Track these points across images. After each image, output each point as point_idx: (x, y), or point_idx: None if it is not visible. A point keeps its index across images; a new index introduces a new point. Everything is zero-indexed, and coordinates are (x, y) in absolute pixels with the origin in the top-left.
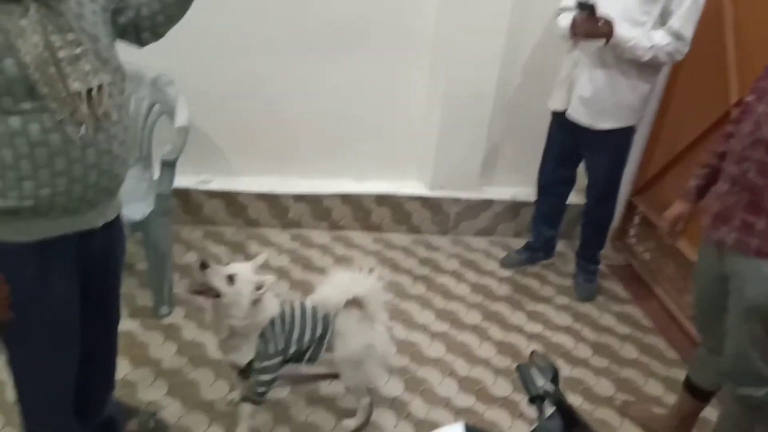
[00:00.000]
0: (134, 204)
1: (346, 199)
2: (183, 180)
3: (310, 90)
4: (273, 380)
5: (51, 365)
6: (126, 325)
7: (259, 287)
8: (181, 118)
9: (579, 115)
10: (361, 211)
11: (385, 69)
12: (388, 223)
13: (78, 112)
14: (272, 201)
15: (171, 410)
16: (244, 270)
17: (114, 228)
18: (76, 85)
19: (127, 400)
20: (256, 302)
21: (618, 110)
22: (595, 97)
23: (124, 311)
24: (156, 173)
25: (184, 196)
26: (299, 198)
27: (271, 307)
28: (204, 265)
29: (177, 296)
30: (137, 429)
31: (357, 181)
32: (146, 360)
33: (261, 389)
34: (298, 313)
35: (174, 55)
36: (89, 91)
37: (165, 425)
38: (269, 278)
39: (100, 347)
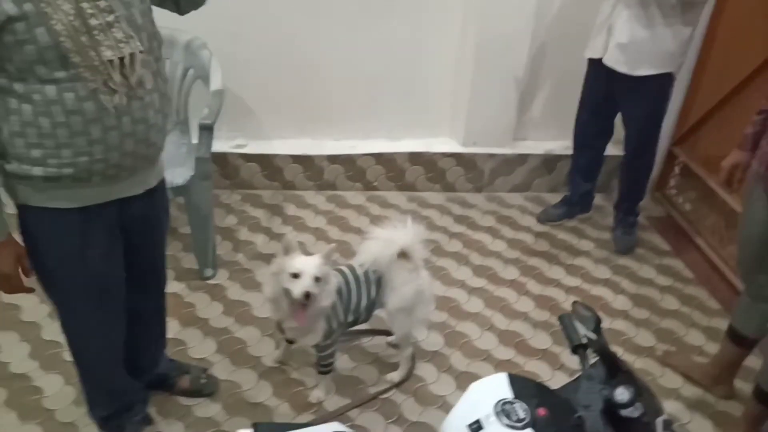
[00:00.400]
0: (175, 169)
1: (379, 158)
2: (219, 145)
3: (341, 49)
4: (335, 350)
5: (98, 325)
6: (173, 287)
7: (317, 279)
8: (216, 82)
9: (616, 61)
10: (395, 170)
11: (416, 24)
12: (422, 181)
13: (111, 81)
14: (307, 163)
15: (220, 367)
16: (308, 265)
17: (156, 194)
18: (108, 54)
19: (179, 358)
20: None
21: (656, 56)
22: (632, 42)
23: (170, 274)
24: (194, 138)
25: (221, 160)
26: (333, 159)
27: (333, 291)
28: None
29: (220, 258)
30: (189, 384)
31: (390, 140)
32: (194, 320)
33: (329, 361)
34: (353, 283)
35: (206, 17)
36: (122, 59)
37: (216, 381)
38: (329, 269)
39: (148, 307)
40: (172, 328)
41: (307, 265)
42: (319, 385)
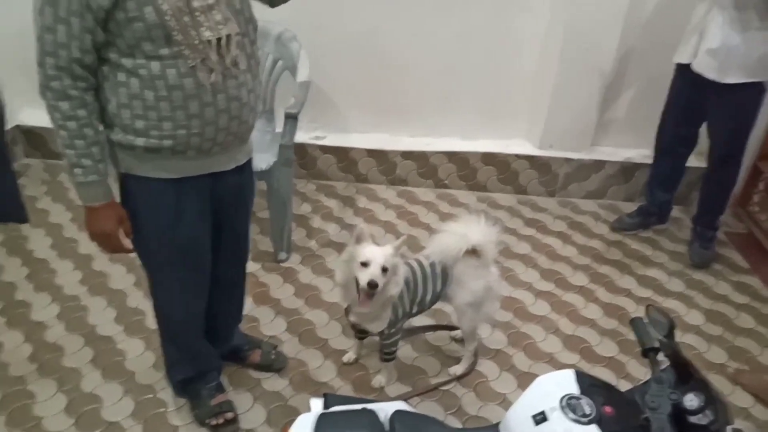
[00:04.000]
0: (259, 154)
1: (452, 156)
2: (299, 135)
3: (421, 44)
4: (399, 339)
5: (185, 289)
6: (249, 267)
7: (384, 269)
8: (303, 73)
9: (705, 67)
10: (467, 170)
11: (501, 20)
12: (493, 182)
13: (208, 59)
14: (381, 157)
15: (289, 345)
16: (377, 255)
17: (245, 171)
18: (207, 34)
19: (251, 334)
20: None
21: (748, 63)
22: (724, 47)
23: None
24: (278, 127)
25: (300, 150)
26: (407, 155)
27: (401, 282)
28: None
29: (294, 243)
30: (260, 359)
31: (464, 139)
32: (267, 299)
33: (392, 349)
34: (419, 274)
35: (293, 11)
36: (219, 39)
37: (285, 358)
38: (399, 260)
39: (231, 277)
40: (246, 305)
41: (377, 254)
42: (381, 371)
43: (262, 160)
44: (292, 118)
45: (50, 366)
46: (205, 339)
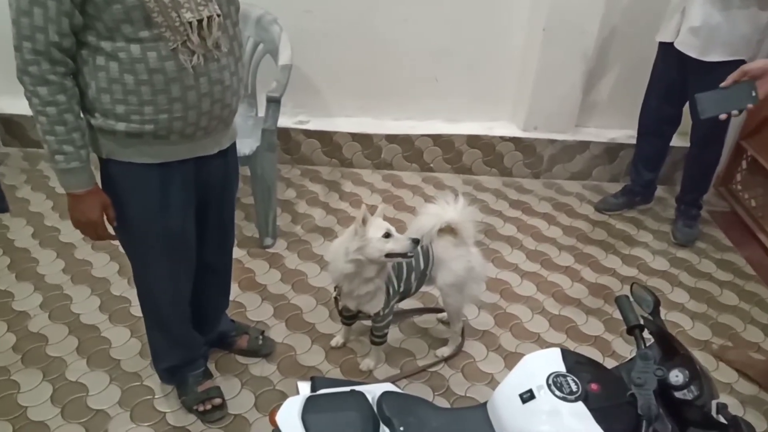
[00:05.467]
0: (242, 140)
1: (437, 139)
2: (282, 120)
3: (407, 26)
4: (391, 321)
5: (169, 276)
6: (234, 253)
7: (387, 235)
8: (284, 57)
9: (687, 45)
10: (452, 152)
11: (485, 3)
12: (479, 164)
13: (189, 41)
14: (366, 141)
15: (277, 330)
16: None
17: (229, 155)
18: (188, 15)
19: (238, 319)
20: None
21: (730, 41)
22: (705, 26)
23: None
24: (261, 111)
25: (284, 135)
26: (392, 138)
27: None
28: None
29: (279, 229)
30: (247, 344)
31: (449, 122)
32: (253, 285)
33: (384, 331)
34: None
35: None
36: (200, 21)
37: (272, 343)
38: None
39: (217, 263)
40: (233, 292)
41: (389, 226)
42: (369, 355)
43: (245, 145)
44: (274, 102)
45: (34, 356)
46: (191, 325)
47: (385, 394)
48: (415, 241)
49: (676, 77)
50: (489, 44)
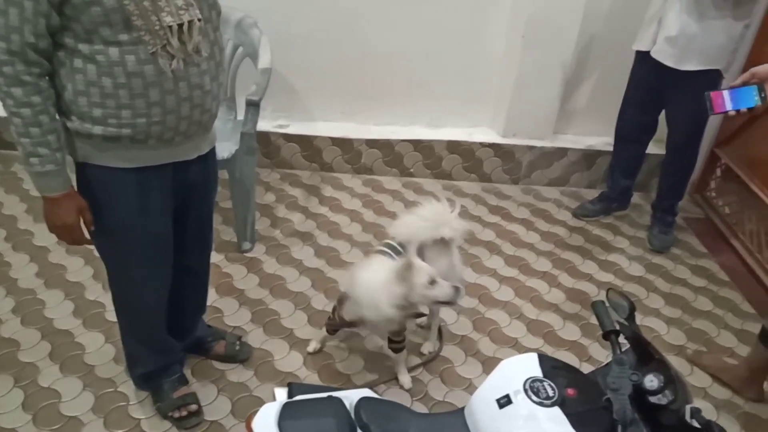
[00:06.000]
0: (221, 143)
1: (417, 145)
2: (262, 124)
3: (385, 32)
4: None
5: (145, 281)
6: (212, 257)
7: (432, 281)
8: (264, 60)
9: (664, 54)
10: (432, 158)
11: (466, 10)
12: (458, 170)
13: (169, 46)
14: (346, 146)
15: (254, 336)
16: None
17: (208, 160)
18: (168, 19)
19: (215, 325)
20: None
21: (705, 51)
22: (682, 35)
23: None
24: (240, 115)
25: (264, 139)
26: (372, 143)
27: None
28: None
29: (258, 233)
30: (224, 350)
31: (430, 127)
32: (231, 290)
33: (402, 336)
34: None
35: None
36: (180, 25)
37: (249, 348)
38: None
39: (195, 268)
40: (210, 296)
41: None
42: (399, 369)
43: (224, 149)
44: (253, 106)
45: (6, 361)
46: (167, 331)
47: (363, 400)
48: (457, 289)
49: (652, 85)
50: (470, 51)
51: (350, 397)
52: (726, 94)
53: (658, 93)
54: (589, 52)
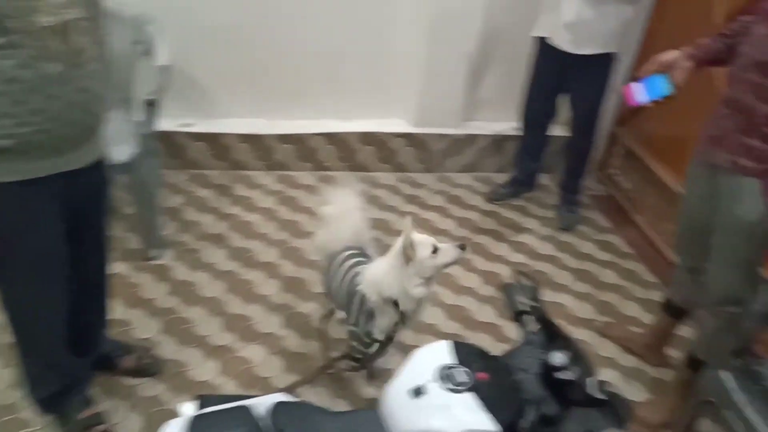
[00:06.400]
0: (119, 146)
1: (331, 138)
2: (166, 123)
3: (293, 26)
4: None
5: (41, 299)
6: (117, 267)
7: (435, 250)
8: (162, 57)
9: (562, 40)
10: (347, 151)
11: (371, 3)
12: (373, 161)
13: (49, 48)
14: (257, 142)
15: (166, 347)
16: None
17: (98, 168)
18: (46, 19)
19: (123, 338)
20: None
21: (600, 35)
22: (579, 21)
23: (113, 255)
24: (139, 115)
25: (168, 139)
26: (284, 139)
27: None
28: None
29: (166, 238)
30: (133, 364)
31: (342, 120)
32: (139, 300)
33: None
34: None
35: None
36: (61, 25)
37: (160, 360)
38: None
39: (92, 281)
40: (116, 309)
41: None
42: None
43: (122, 152)
44: (152, 105)
45: None
46: (68, 349)
47: (278, 405)
48: (462, 247)
49: (553, 71)
50: (378, 43)
51: (264, 403)
52: (638, 86)
53: (558, 78)
54: (493, 41)
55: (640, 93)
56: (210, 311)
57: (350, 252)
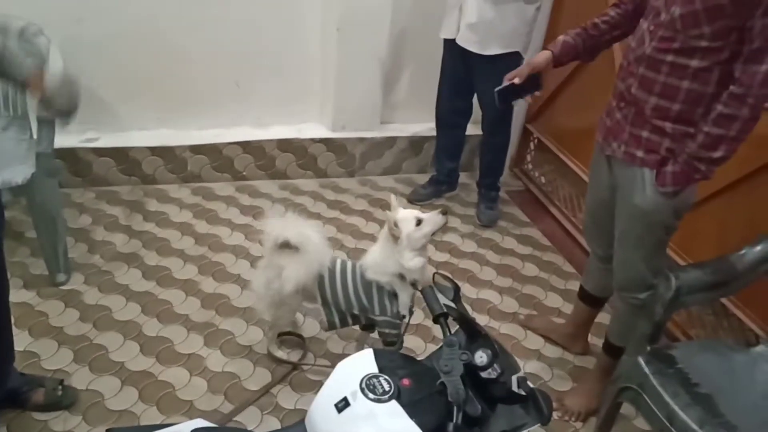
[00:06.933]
0: (14, 167)
1: (247, 146)
2: (67, 140)
3: (200, 30)
4: None
5: None
6: (21, 296)
7: (419, 222)
8: (55, 70)
9: (467, 41)
10: (265, 158)
11: (280, 6)
12: (293, 168)
13: None
14: (168, 154)
15: (79, 376)
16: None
17: None
18: None
19: (31, 371)
20: None
21: (504, 35)
22: (481, 22)
23: (17, 282)
24: (35, 134)
25: (71, 156)
26: (197, 149)
27: None
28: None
29: (73, 261)
30: (44, 398)
31: (257, 127)
32: (47, 329)
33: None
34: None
35: (44, 1)
36: None
37: (74, 392)
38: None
39: None
40: (22, 340)
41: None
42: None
43: (18, 173)
44: (47, 122)
45: None
46: None
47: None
48: (443, 212)
49: (462, 71)
50: (287, 46)
51: (181, 430)
52: (509, 87)
53: (467, 78)
54: (403, 43)
55: (510, 95)
56: (125, 335)
57: (337, 259)
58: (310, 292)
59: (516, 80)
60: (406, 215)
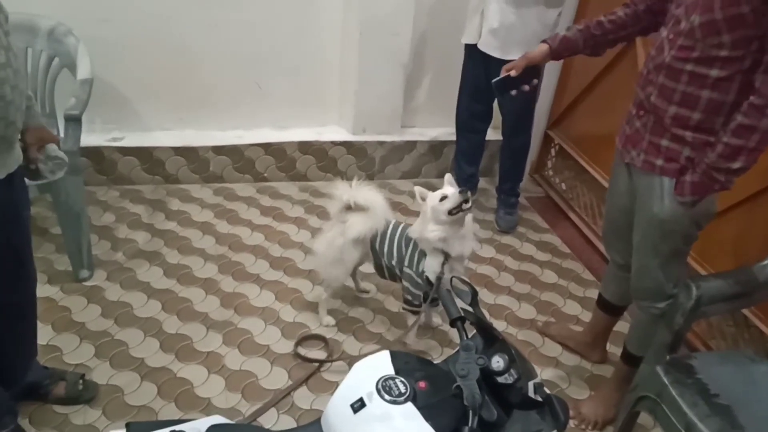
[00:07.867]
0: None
1: (268, 148)
2: (93, 138)
3: (220, 32)
4: None
5: None
6: (45, 291)
7: (443, 197)
8: (83, 70)
9: (489, 46)
10: (285, 160)
11: (299, 8)
12: (313, 170)
13: None
14: (190, 155)
15: (100, 371)
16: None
17: (15, 181)
18: None
19: (53, 365)
20: None
21: (525, 39)
22: (503, 27)
23: (42, 277)
24: (61, 131)
25: (96, 155)
26: (219, 150)
27: None
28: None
29: (97, 258)
30: (65, 392)
31: (278, 129)
32: (70, 324)
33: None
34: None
35: (72, 1)
36: None
37: (94, 386)
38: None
39: (15, 305)
40: (46, 335)
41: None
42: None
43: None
44: (74, 121)
45: None
46: None
47: (211, 429)
48: (463, 192)
49: (482, 76)
50: (306, 48)
51: (198, 427)
52: (506, 78)
53: (488, 83)
54: (425, 48)
55: (507, 84)
56: (146, 332)
57: (393, 220)
58: (365, 246)
59: (512, 72)
60: (435, 193)
